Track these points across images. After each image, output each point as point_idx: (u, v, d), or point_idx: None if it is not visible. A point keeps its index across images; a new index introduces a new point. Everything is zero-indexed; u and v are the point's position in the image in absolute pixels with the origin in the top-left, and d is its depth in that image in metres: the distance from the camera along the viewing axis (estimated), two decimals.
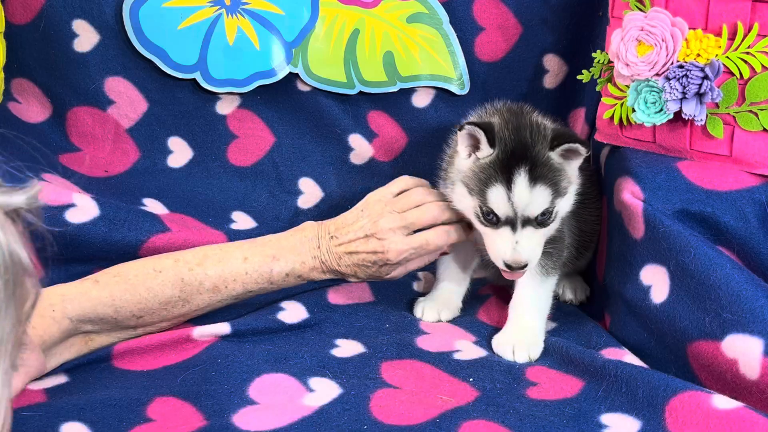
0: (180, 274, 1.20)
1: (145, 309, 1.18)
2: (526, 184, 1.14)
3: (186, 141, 1.60)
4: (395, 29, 1.57)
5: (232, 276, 1.22)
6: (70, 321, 1.12)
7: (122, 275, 1.18)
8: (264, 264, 1.24)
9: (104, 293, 1.15)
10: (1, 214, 0.58)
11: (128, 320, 1.17)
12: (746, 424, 0.94)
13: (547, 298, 1.27)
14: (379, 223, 1.24)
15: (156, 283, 1.18)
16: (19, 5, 1.50)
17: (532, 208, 1.15)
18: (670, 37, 1.20)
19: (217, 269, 1.21)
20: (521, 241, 1.16)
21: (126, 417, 1.01)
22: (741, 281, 1.08)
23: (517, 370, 1.15)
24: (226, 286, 1.22)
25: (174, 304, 1.20)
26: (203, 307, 1.23)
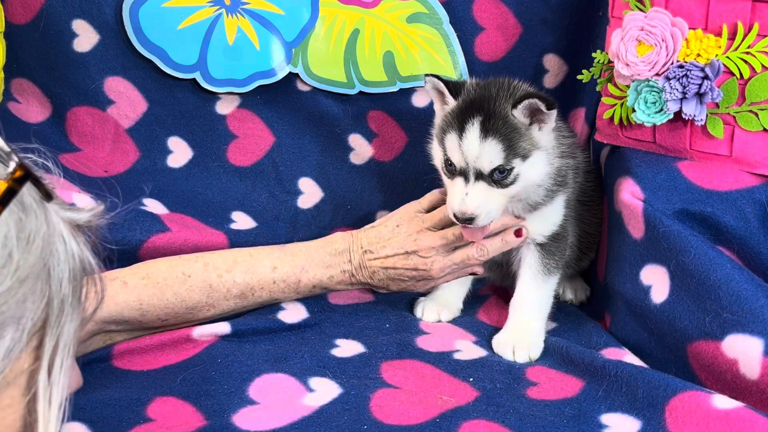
0: (208, 280, 1.20)
1: (171, 313, 1.18)
2: (477, 134, 1.15)
3: (186, 141, 1.59)
4: (395, 29, 1.57)
5: (260, 285, 1.23)
6: (95, 323, 1.12)
7: (151, 278, 1.18)
8: (292, 275, 1.25)
9: (132, 297, 1.15)
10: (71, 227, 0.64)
11: (153, 322, 1.18)
12: (746, 424, 0.94)
13: (547, 298, 1.27)
14: (420, 241, 1.25)
15: (184, 288, 1.19)
16: (19, 5, 1.50)
17: (482, 161, 1.15)
18: (670, 37, 1.20)
19: (245, 277, 1.22)
20: (471, 193, 1.16)
21: (126, 417, 1.01)
22: (741, 281, 1.08)
23: (517, 370, 1.15)
24: (253, 294, 1.23)
25: (200, 309, 1.20)
26: (227, 312, 1.24)
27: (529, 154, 1.16)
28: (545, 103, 1.14)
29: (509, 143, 1.15)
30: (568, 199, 1.29)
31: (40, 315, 0.61)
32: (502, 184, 1.16)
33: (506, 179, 1.16)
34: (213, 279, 1.20)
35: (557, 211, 1.27)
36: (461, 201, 1.16)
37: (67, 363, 0.63)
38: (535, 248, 1.27)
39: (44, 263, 0.60)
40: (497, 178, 1.16)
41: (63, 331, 0.62)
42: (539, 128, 1.17)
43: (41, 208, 0.62)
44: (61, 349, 0.63)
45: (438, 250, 1.25)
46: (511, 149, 1.15)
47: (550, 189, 1.23)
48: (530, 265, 1.26)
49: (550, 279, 1.27)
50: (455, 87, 1.21)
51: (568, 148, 1.27)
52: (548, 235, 1.26)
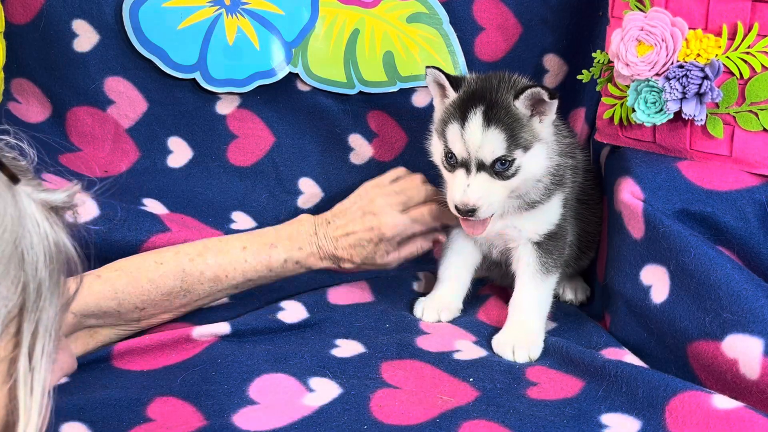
0: (181, 265, 1.21)
1: (148, 300, 1.19)
2: (480, 123, 1.15)
3: (186, 141, 1.59)
4: (395, 29, 1.57)
5: (232, 265, 1.24)
6: (74, 316, 1.12)
7: (124, 269, 1.19)
8: (262, 251, 1.26)
9: (107, 287, 1.16)
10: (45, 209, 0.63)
11: (131, 313, 1.18)
12: (746, 424, 0.94)
13: (547, 298, 1.27)
14: (376, 201, 1.29)
15: (158, 274, 1.19)
16: (19, 5, 1.50)
17: (485, 151, 1.15)
18: (670, 37, 1.20)
19: (217, 259, 1.23)
20: (473, 184, 1.16)
21: (126, 417, 1.01)
22: (741, 281, 1.08)
23: (517, 370, 1.15)
24: (227, 275, 1.24)
25: (176, 294, 1.21)
26: (204, 297, 1.25)
27: (530, 145, 1.17)
28: (548, 92, 1.14)
29: (511, 133, 1.15)
30: (566, 198, 1.29)
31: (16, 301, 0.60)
32: (504, 175, 1.16)
33: (508, 171, 1.16)
34: (185, 263, 1.21)
35: (554, 210, 1.27)
36: (463, 192, 1.16)
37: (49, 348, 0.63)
38: (532, 247, 1.26)
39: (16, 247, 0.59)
40: (499, 170, 1.16)
41: (42, 316, 0.62)
42: (540, 120, 1.18)
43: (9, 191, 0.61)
44: (41, 334, 0.62)
45: (391, 206, 1.28)
46: (513, 139, 1.15)
47: (548, 188, 1.23)
48: (528, 265, 1.26)
49: (549, 278, 1.27)
50: (456, 80, 1.22)
51: (567, 147, 1.27)
52: (544, 234, 1.26)
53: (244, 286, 1.27)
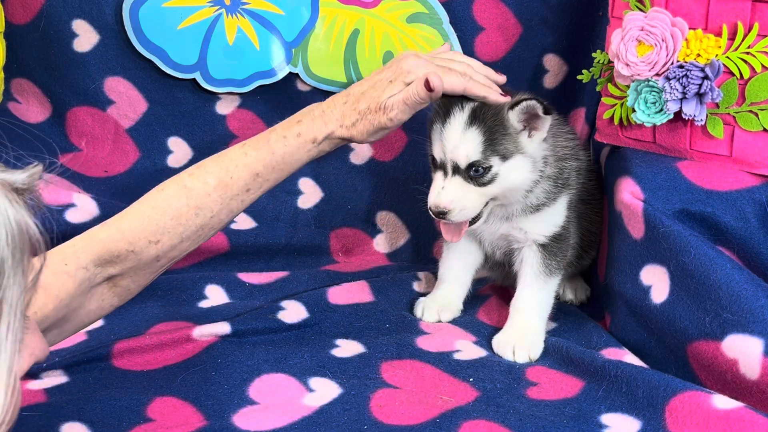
0: (182, 182, 1.13)
1: (158, 230, 1.10)
2: (461, 123, 1.15)
3: (186, 141, 1.60)
4: (395, 29, 1.57)
5: (233, 162, 1.14)
6: (85, 270, 1.05)
7: (125, 211, 1.11)
8: (261, 139, 1.16)
9: (112, 230, 1.08)
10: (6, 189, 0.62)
11: (147, 249, 1.09)
12: (746, 424, 0.94)
13: (548, 299, 1.27)
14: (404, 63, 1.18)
15: (160, 198, 1.11)
16: (19, 5, 1.50)
17: (459, 153, 1.15)
18: (670, 37, 1.20)
19: (216, 164, 1.14)
20: (447, 186, 1.16)
21: (126, 417, 1.01)
22: (741, 281, 1.08)
23: (517, 370, 1.15)
24: (231, 177, 1.13)
25: (186, 216, 1.11)
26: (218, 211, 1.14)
27: (509, 155, 1.16)
28: (542, 106, 1.14)
29: (490, 138, 1.15)
30: (570, 200, 1.29)
31: None
32: (479, 182, 1.16)
33: (483, 177, 1.16)
34: (185, 179, 1.13)
35: (559, 212, 1.27)
36: (437, 194, 1.17)
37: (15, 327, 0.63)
38: (537, 249, 1.26)
39: None
40: (473, 175, 1.16)
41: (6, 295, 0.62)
42: (530, 135, 1.17)
43: None
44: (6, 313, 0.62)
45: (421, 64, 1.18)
46: (490, 145, 1.15)
47: (552, 191, 1.23)
48: (532, 266, 1.26)
49: (552, 280, 1.27)
50: None
51: (571, 150, 1.27)
52: (549, 236, 1.26)
53: (255, 185, 1.15)
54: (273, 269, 1.49)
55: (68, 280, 1.04)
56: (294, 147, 1.15)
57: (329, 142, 1.17)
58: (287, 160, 1.15)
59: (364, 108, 1.16)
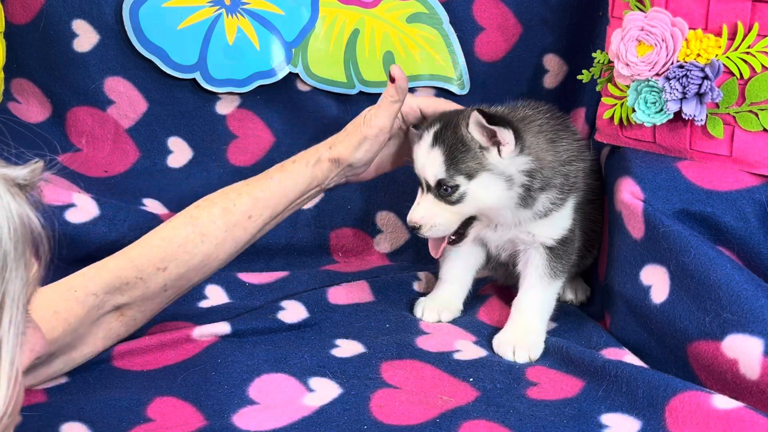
0: (189, 213, 1.18)
1: (166, 257, 1.14)
2: (427, 143, 1.19)
3: (186, 141, 1.60)
4: (395, 29, 1.57)
5: (236, 192, 1.20)
6: (95, 297, 1.09)
7: (137, 242, 1.16)
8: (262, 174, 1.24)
9: (121, 260, 1.13)
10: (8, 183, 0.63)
11: (154, 276, 1.13)
12: (746, 424, 0.94)
13: (551, 300, 1.27)
14: None
15: (168, 229, 1.17)
16: (19, 5, 1.50)
17: (427, 171, 1.18)
18: (670, 37, 1.20)
19: (221, 195, 1.20)
20: (421, 203, 1.20)
21: (126, 417, 1.01)
22: (741, 281, 1.08)
23: (517, 370, 1.15)
24: (234, 204, 1.19)
25: (192, 242, 1.15)
26: (223, 240, 1.18)
27: (474, 173, 1.16)
28: (487, 118, 1.13)
29: (451, 156, 1.16)
30: (578, 202, 1.28)
31: None
32: (448, 200, 1.18)
33: (451, 196, 1.18)
34: (192, 210, 1.19)
35: (567, 215, 1.26)
36: (412, 209, 1.21)
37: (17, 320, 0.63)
38: (543, 251, 1.26)
39: None
40: (443, 193, 1.18)
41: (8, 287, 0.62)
42: (499, 151, 1.16)
43: None
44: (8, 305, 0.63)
45: None
46: (452, 163, 1.16)
47: (558, 197, 1.23)
48: (537, 268, 1.26)
49: (556, 282, 1.27)
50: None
51: (576, 151, 1.26)
52: (557, 239, 1.26)
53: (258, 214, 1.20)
54: (273, 269, 1.49)
55: (77, 306, 1.08)
56: (290, 171, 1.22)
57: (321, 165, 1.22)
58: (285, 184, 1.21)
59: (349, 127, 1.24)
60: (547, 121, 1.24)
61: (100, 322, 1.12)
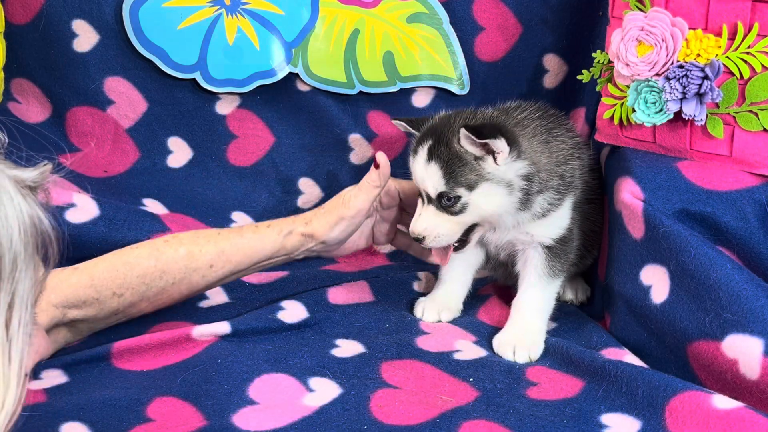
0: (156, 246, 1.21)
1: (124, 284, 1.18)
2: (424, 158, 1.19)
3: (186, 141, 1.60)
4: (395, 29, 1.57)
5: (205, 239, 1.22)
6: (55, 308, 1.13)
7: (102, 258, 1.19)
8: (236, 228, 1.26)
9: (84, 276, 1.16)
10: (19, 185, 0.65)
11: (110, 300, 1.17)
12: (746, 424, 0.94)
13: (550, 300, 1.27)
14: None
15: (132, 256, 1.19)
16: (18, 5, 1.50)
17: (427, 185, 1.19)
18: (670, 37, 1.20)
19: (191, 237, 1.23)
20: (423, 214, 1.21)
21: (126, 417, 1.01)
22: (741, 281, 1.08)
23: (517, 370, 1.15)
24: (200, 250, 1.21)
25: (151, 275, 1.19)
26: (180, 279, 1.21)
27: (475, 185, 1.16)
28: (476, 133, 1.13)
29: (449, 170, 1.16)
30: (576, 201, 1.28)
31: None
32: (450, 211, 1.18)
33: (454, 207, 1.18)
34: (159, 244, 1.21)
35: (565, 215, 1.26)
36: (414, 220, 1.21)
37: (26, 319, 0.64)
38: (542, 250, 1.26)
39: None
40: (444, 205, 1.18)
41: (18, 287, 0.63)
42: (495, 159, 1.16)
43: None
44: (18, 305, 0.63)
45: None
46: (452, 177, 1.16)
47: (555, 197, 1.23)
48: (536, 267, 1.26)
49: (555, 281, 1.27)
50: (419, 122, 1.27)
51: (571, 150, 1.26)
52: (555, 239, 1.26)
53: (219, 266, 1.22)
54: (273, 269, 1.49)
55: (41, 314, 1.12)
56: (261, 234, 1.25)
57: (292, 237, 1.25)
58: (252, 245, 1.24)
59: (327, 206, 1.26)
60: (540, 122, 1.24)
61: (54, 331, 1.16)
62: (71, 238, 1.34)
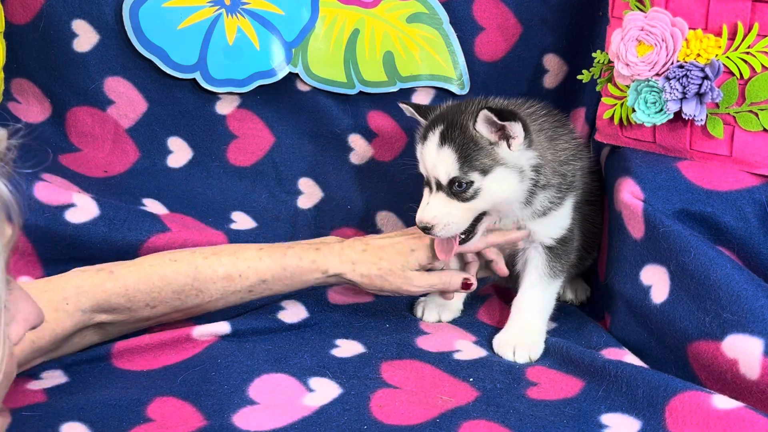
0: (194, 263, 1.19)
1: (159, 298, 1.17)
2: (435, 143, 1.17)
3: (186, 141, 1.59)
4: (395, 29, 1.57)
5: (246, 263, 1.21)
6: (82, 313, 1.12)
7: (138, 265, 1.18)
8: (278, 250, 1.23)
9: (118, 284, 1.15)
10: None
11: (142, 310, 1.17)
12: (746, 424, 0.94)
13: (550, 300, 1.27)
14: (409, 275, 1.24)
15: (170, 270, 1.17)
16: (18, 5, 1.50)
17: (438, 170, 1.16)
18: (670, 37, 1.20)
19: (231, 258, 1.21)
20: (431, 202, 1.17)
21: (126, 417, 1.01)
22: (741, 281, 1.08)
23: (517, 370, 1.15)
24: (240, 274, 1.20)
25: (188, 293, 1.18)
26: (217, 298, 1.21)
27: (489, 169, 1.16)
28: (497, 114, 1.12)
29: (464, 154, 1.15)
30: (576, 201, 1.28)
31: None
32: (462, 197, 1.16)
33: (465, 193, 1.16)
34: (199, 261, 1.19)
35: (566, 214, 1.26)
36: (422, 209, 1.18)
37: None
38: (543, 251, 1.26)
39: None
40: (456, 191, 1.16)
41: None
42: (509, 145, 1.16)
43: None
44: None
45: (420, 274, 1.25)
46: (466, 161, 1.15)
47: (557, 196, 1.23)
48: (536, 267, 1.26)
49: (555, 282, 1.27)
50: (426, 109, 1.26)
51: (574, 151, 1.26)
52: (556, 239, 1.26)
53: (259, 290, 1.22)
54: None
55: (66, 319, 1.12)
56: (305, 270, 1.22)
57: (338, 278, 1.23)
58: (295, 279, 1.22)
59: (386, 267, 1.22)
60: (546, 119, 1.25)
61: (83, 334, 1.16)
62: (71, 238, 1.35)
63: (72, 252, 1.35)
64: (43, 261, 1.35)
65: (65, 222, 1.34)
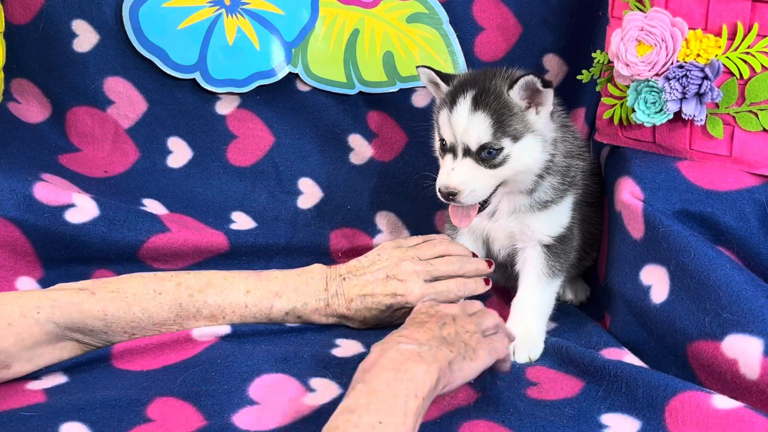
0: (179, 299, 1.18)
1: (137, 327, 1.16)
2: (467, 108, 1.16)
3: (186, 141, 1.59)
4: (395, 29, 1.57)
5: (231, 308, 1.21)
6: (56, 326, 1.10)
7: (120, 292, 1.16)
8: (265, 299, 1.22)
9: (97, 307, 1.13)
10: None
11: (118, 335, 1.16)
12: (746, 424, 0.94)
13: (550, 300, 1.27)
14: (401, 266, 1.23)
15: (153, 304, 1.17)
16: (18, 5, 1.50)
17: (470, 135, 1.16)
18: (670, 37, 1.20)
19: (217, 299, 1.20)
20: (457, 168, 1.17)
21: (126, 417, 1.01)
22: (741, 281, 1.08)
23: (517, 370, 1.15)
24: (224, 317, 1.21)
25: (168, 327, 1.19)
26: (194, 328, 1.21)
27: (520, 135, 1.17)
28: (541, 80, 1.14)
29: (499, 120, 1.15)
30: (576, 201, 1.29)
31: None
32: (491, 164, 1.17)
33: (495, 159, 1.16)
34: (184, 298, 1.18)
35: (565, 212, 1.27)
36: (447, 176, 1.17)
37: None
38: (541, 250, 1.27)
39: None
40: (485, 157, 1.16)
41: None
42: (536, 112, 1.18)
43: None
44: None
45: (418, 275, 1.23)
46: (500, 126, 1.15)
47: (559, 188, 1.23)
48: (535, 267, 1.27)
49: (554, 281, 1.27)
50: (448, 76, 1.25)
51: (578, 149, 1.27)
52: (554, 237, 1.26)
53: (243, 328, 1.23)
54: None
55: (35, 327, 1.09)
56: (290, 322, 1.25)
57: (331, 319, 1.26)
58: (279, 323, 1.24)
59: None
60: (557, 110, 1.26)
61: (62, 345, 1.14)
62: (71, 239, 1.35)
63: (72, 252, 1.35)
64: (43, 261, 1.35)
65: (65, 222, 1.34)
